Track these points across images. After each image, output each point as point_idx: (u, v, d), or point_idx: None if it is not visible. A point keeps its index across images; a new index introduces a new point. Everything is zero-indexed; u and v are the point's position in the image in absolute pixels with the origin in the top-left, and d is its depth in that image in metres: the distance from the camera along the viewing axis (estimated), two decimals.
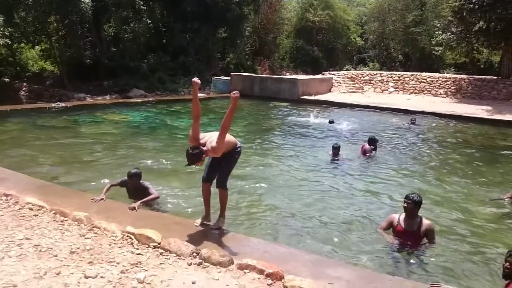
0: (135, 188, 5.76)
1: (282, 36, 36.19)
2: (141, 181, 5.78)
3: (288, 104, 18.96)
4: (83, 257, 3.73)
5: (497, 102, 20.08)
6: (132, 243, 4.13)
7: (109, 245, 4.06)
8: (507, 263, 3.72)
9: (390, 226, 5.17)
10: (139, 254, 3.91)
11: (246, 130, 13.05)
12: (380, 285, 3.87)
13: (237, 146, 4.78)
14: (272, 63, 32.85)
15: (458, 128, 15.10)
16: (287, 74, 31.39)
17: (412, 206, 4.93)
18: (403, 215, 5.06)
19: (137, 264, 3.70)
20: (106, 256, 3.80)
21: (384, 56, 37.54)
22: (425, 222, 4.98)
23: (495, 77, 22.11)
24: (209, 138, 4.51)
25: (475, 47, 23.32)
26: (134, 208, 5.28)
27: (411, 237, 4.94)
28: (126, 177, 5.79)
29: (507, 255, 3.77)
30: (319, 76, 25.62)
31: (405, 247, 4.90)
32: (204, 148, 4.42)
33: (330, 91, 23.66)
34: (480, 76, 23.08)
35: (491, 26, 19.23)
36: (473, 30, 20.32)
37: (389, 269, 4.53)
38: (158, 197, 5.77)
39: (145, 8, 21.01)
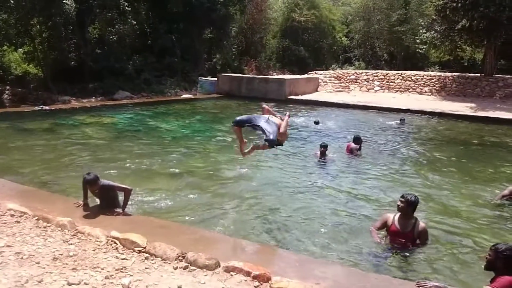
0: (98, 192, 5.43)
1: (269, 36, 36.15)
2: (101, 183, 5.38)
3: (275, 104, 18.96)
4: (67, 264, 3.66)
5: (481, 99, 20.38)
6: (116, 248, 4.07)
7: (93, 250, 4.00)
8: (488, 254, 3.79)
9: (384, 225, 5.15)
10: (124, 259, 3.86)
11: (233, 130, 12.98)
12: (367, 284, 3.88)
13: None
14: (259, 63, 32.83)
15: (442, 125, 15.27)
16: (274, 74, 31.40)
17: (405, 206, 4.93)
18: (398, 215, 5.04)
19: (122, 269, 3.65)
20: (90, 262, 3.74)
21: (369, 55, 37.79)
22: (420, 224, 4.95)
23: (478, 75, 22.45)
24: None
25: (458, 45, 23.58)
26: (118, 213, 5.22)
27: (404, 237, 4.92)
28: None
29: (492, 248, 3.82)
30: (305, 75, 25.69)
31: (396, 247, 4.90)
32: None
33: (316, 90, 23.75)
34: (464, 74, 23.40)
35: (473, 24, 19.47)
36: (456, 28, 20.56)
37: (378, 268, 4.53)
38: (131, 190, 5.53)
39: (130, 9, 20.82)
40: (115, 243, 4.15)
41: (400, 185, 7.55)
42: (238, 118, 5.61)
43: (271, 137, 5.27)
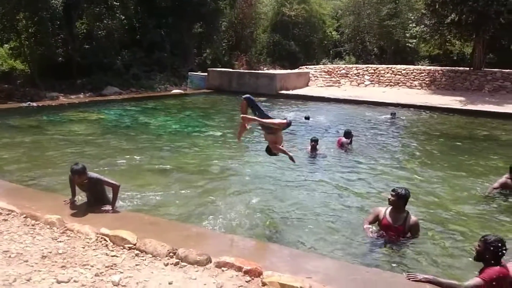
0: (84, 185, 5.31)
1: (259, 31, 36.02)
2: (89, 175, 5.28)
3: (266, 99, 18.94)
4: (56, 262, 3.62)
5: (470, 93, 20.55)
6: (106, 245, 4.03)
7: (83, 248, 3.95)
8: (478, 245, 3.83)
9: (376, 219, 5.16)
10: (114, 256, 3.83)
11: (223, 125, 12.97)
12: (358, 277, 3.90)
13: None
14: (249, 58, 32.72)
15: (433, 119, 15.38)
16: (265, 69, 31.34)
17: (396, 199, 4.95)
18: (389, 209, 5.06)
19: (112, 266, 3.62)
20: (80, 260, 3.70)
21: (359, 49, 37.87)
22: (412, 218, 4.97)
23: (468, 68, 22.62)
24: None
25: (447, 39, 23.76)
26: (107, 210, 5.17)
27: (396, 231, 4.94)
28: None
29: (481, 239, 3.86)
30: (296, 70, 25.67)
31: (388, 241, 4.91)
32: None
33: (307, 85, 23.75)
34: (453, 68, 23.57)
35: (462, 19, 19.62)
36: (446, 22, 20.70)
37: (369, 262, 4.55)
38: (119, 186, 5.43)
39: (118, 3, 20.55)
40: (105, 240, 4.11)
41: (391, 179, 7.59)
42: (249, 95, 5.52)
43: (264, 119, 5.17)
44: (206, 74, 22.32)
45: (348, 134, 9.81)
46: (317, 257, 4.45)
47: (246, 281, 3.52)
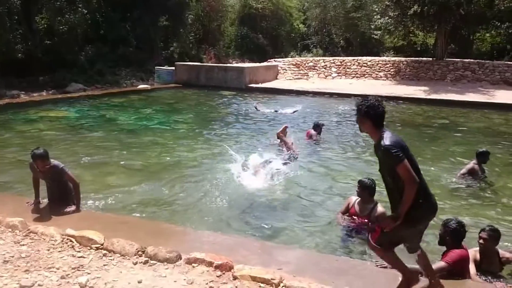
0: (48, 175, 5.05)
1: (226, 24, 35.73)
2: (52, 163, 4.98)
3: (236, 93, 18.89)
4: (18, 266, 3.50)
5: (433, 83, 21.16)
6: (73, 246, 3.94)
7: (48, 250, 3.84)
8: (440, 230, 3.98)
9: (347, 208, 5.25)
10: (80, 257, 3.74)
11: (191, 121, 12.85)
12: (327, 266, 3.97)
13: None
14: (217, 52, 32.45)
15: (398, 109, 15.76)
16: (234, 62, 31.17)
17: (360, 190, 5.04)
18: (359, 199, 5.15)
19: (78, 267, 3.53)
20: (45, 263, 3.59)
21: (326, 42, 38.21)
22: (378, 208, 5.04)
23: (431, 59, 23.25)
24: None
25: (411, 30, 24.32)
26: (72, 210, 5.01)
27: (360, 221, 5.03)
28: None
29: (443, 223, 4.01)
30: (265, 63, 25.66)
31: (357, 230, 4.99)
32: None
33: (276, 78, 23.81)
34: (417, 58, 24.14)
35: (424, 10, 20.13)
36: (409, 14, 21.16)
37: (339, 251, 4.64)
38: (79, 184, 5.19)
39: None
40: (71, 241, 4.01)
41: (358, 170, 7.73)
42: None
43: None
44: (173, 68, 21.99)
45: (316, 127, 9.91)
46: (287, 248, 4.49)
47: (217, 276, 3.51)
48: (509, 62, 21.91)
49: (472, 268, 3.97)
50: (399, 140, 3.13)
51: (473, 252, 4.09)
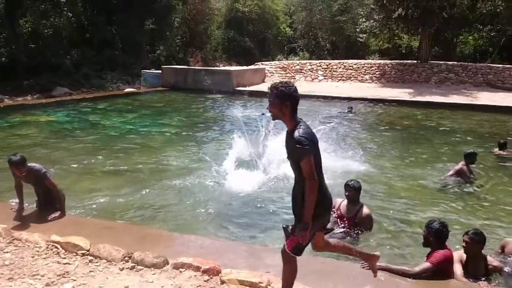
0: (28, 178, 4.97)
1: (213, 27, 35.74)
2: (29, 166, 4.92)
3: (223, 96, 18.85)
4: (2, 274, 3.45)
5: (418, 85, 21.42)
6: (58, 253, 3.89)
7: (32, 257, 3.79)
8: (423, 231, 4.02)
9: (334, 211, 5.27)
10: (66, 263, 3.70)
11: (179, 124, 12.80)
12: (314, 268, 3.99)
13: None
14: (204, 55, 32.42)
15: (384, 111, 15.91)
16: (221, 65, 31.16)
17: (347, 192, 5.07)
18: (345, 201, 5.18)
19: (64, 274, 3.50)
20: (29, 270, 3.55)
21: (313, 45, 38.47)
22: (365, 211, 5.07)
23: (415, 61, 23.57)
24: None
25: (396, 33, 24.62)
26: (57, 217, 4.94)
27: (347, 222, 5.08)
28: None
29: (425, 224, 4.05)
30: (252, 67, 25.72)
31: (344, 232, 5.02)
32: None
33: (263, 81, 23.85)
34: (402, 61, 24.46)
35: (409, 13, 20.42)
36: (393, 17, 21.44)
37: (326, 253, 4.64)
38: (60, 190, 5.14)
39: (65, 0, 19.73)
40: (56, 247, 3.96)
41: (344, 171, 7.76)
42: None
43: None
44: (160, 71, 21.88)
45: None
46: (275, 251, 4.47)
47: (205, 281, 3.51)
48: (491, 65, 22.34)
49: (459, 269, 4.01)
50: (313, 134, 3.03)
51: (460, 254, 4.13)
